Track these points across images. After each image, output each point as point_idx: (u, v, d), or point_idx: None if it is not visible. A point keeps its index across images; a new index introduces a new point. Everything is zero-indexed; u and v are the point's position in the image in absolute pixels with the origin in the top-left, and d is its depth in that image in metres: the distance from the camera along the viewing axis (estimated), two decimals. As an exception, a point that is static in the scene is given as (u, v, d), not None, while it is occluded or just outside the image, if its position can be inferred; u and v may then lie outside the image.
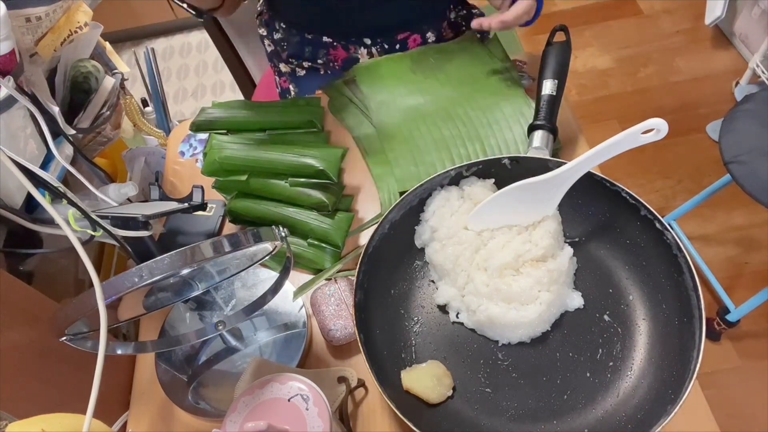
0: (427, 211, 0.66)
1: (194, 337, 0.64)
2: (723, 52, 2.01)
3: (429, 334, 0.63)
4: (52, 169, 0.69)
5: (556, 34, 0.75)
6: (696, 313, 0.54)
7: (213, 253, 0.47)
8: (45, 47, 0.73)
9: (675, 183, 1.74)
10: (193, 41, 2.41)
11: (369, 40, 0.92)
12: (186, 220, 0.78)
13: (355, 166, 0.80)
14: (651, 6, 2.18)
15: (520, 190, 0.61)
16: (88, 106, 0.81)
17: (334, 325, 0.63)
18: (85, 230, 0.57)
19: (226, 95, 2.21)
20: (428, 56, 0.87)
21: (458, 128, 0.77)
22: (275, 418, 0.47)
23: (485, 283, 0.60)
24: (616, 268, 0.64)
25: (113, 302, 0.49)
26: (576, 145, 0.77)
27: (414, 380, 0.57)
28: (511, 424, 0.57)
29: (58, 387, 0.59)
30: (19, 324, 0.55)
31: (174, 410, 0.64)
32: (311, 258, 0.71)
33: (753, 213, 1.62)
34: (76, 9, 0.79)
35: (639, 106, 1.92)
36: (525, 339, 0.61)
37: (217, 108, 0.79)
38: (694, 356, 0.51)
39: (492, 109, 0.78)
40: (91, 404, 0.42)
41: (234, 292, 0.70)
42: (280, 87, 1.04)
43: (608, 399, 0.56)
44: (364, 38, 0.92)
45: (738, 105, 1.24)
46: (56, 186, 0.59)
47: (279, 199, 0.72)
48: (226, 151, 0.72)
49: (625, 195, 0.60)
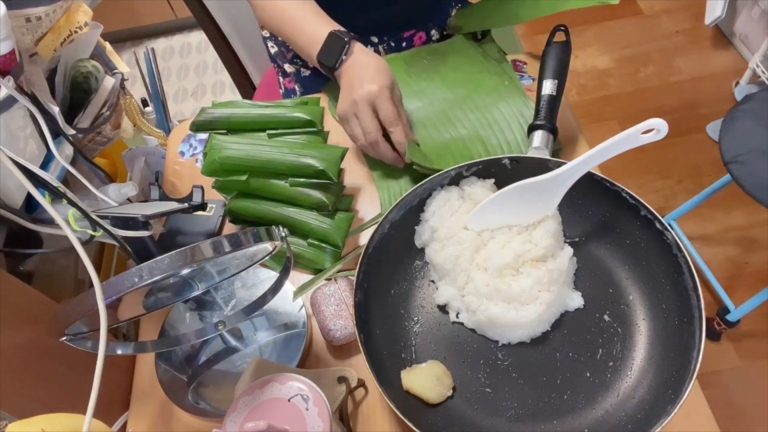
0: (427, 211, 0.66)
1: (194, 337, 0.64)
2: (723, 52, 2.01)
3: (429, 334, 0.63)
4: (52, 169, 0.69)
5: (556, 34, 0.75)
6: (696, 313, 0.54)
7: (213, 253, 0.47)
8: (45, 47, 0.73)
9: (675, 183, 1.74)
10: (193, 41, 2.41)
11: (376, 38, 0.92)
12: (186, 220, 0.78)
13: (355, 166, 0.80)
14: (651, 6, 2.18)
15: (520, 190, 0.61)
16: (88, 106, 0.80)
17: (334, 325, 0.63)
18: (85, 230, 0.57)
19: (226, 95, 2.21)
20: (421, 58, 0.87)
21: (458, 131, 0.77)
22: (275, 418, 0.47)
23: (485, 283, 0.60)
24: (616, 268, 0.64)
25: (113, 302, 0.49)
26: (576, 145, 0.77)
27: (414, 380, 0.57)
28: (511, 424, 0.57)
29: (58, 387, 0.59)
30: (19, 324, 0.55)
31: (174, 410, 0.64)
32: (311, 258, 0.71)
33: (753, 213, 1.62)
34: (76, 9, 0.79)
35: (639, 106, 1.93)
36: (525, 339, 0.61)
37: (217, 108, 0.79)
38: (694, 356, 0.51)
39: (490, 110, 0.78)
40: (91, 404, 0.42)
41: (234, 292, 0.70)
42: (284, 88, 1.04)
43: (608, 399, 0.56)
44: (370, 36, 0.92)
45: (738, 105, 1.24)
46: (56, 186, 0.59)
47: (279, 199, 0.72)
48: (226, 151, 0.72)
49: (625, 195, 0.60)
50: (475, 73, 0.83)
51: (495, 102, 0.78)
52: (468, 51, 0.86)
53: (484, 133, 0.76)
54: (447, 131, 0.77)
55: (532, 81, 0.82)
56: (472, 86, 0.81)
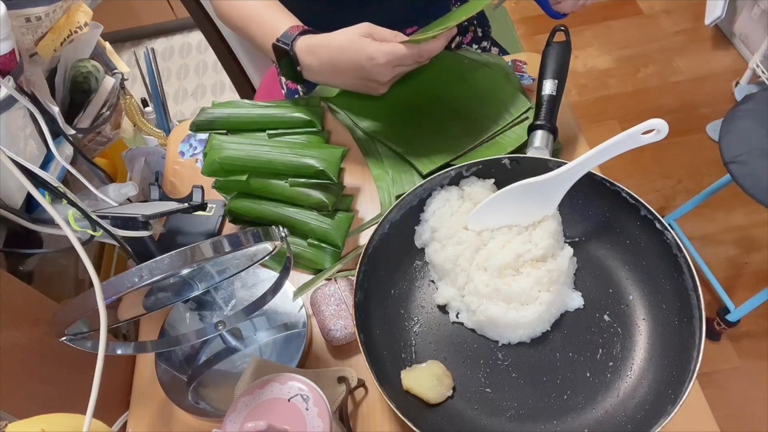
0: (427, 211, 0.66)
1: (194, 337, 0.64)
2: (723, 52, 2.01)
3: (429, 334, 0.63)
4: (52, 169, 0.69)
5: (556, 34, 0.75)
6: (696, 313, 0.54)
7: (213, 253, 0.47)
8: (45, 47, 0.73)
9: (675, 183, 1.74)
10: (193, 41, 2.41)
11: None
12: (186, 220, 0.78)
13: (355, 166, 0.80)
14: (651, 6, 2.18)
15: (520, 190, 0.61)
16: (88, 106, 0.81)
17: (334, 325, 0.63)
18: (85, 230, 0.57)
19: (226, 95, 2.21)
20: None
21: (456, 127, 0.77)
22: (275, 418, 0.47)
23: (485, 283, 0.60)
24: (616, 268, 0.64)
25: (113, 302, 0.49)
26: (576, 145, 0.77)
27: (414, 380, 0.57)
28: (511, 424, 0.57)
29: (58, 387, 0.59)
30: (19, 324, 0.55)
31: (174, 410, 0.64)
32: (311, 258, 0.71)
33: (753, 213, 1.62)
34: (76, 9, 0.79)
35: (639, 106, 1.93)
36: (525, 339, 0.61)
37: (217, 108, 0.79)
38: (694, 356, 0.51)
39: (489, 107, 0.78)
40: (91, 404, 0.42)
41: (234, 292, 0.70)
42: (286, 88, 1.04)
43: (608, 399, 0.56)
44: None
45: (738, 105, 1.24)
46: (56, 186, 0.59)
47: (279, 199, 0.72)
48: (226, 151, 0.72)
49: (625, 195, 0.60)
50: (473, 70, 0.82)
51: (492, 102, 0.78)
52: (443, 61, 0.83)
53: (484, 134, 0.76)
54: (444, 127, 0.77)
55: (532, 81, 0.82)
56: (469, 81, 0.81)
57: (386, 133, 0.79)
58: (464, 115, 0.78)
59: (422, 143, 0.76)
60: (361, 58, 0.68)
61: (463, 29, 1.01)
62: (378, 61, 0.67)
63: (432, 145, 0.76)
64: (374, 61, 0.67)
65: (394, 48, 0.67)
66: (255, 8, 0.78)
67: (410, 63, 0.70)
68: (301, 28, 0.73)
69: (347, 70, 0.70)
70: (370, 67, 0.68)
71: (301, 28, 0.73)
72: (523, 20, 2.22)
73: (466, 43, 1.02)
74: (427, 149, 0.75)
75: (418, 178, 0.74)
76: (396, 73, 0.71)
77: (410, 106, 0.80)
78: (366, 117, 0.81)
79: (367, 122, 0.80)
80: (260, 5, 0.78)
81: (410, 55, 0.67)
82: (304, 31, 0.73)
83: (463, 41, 1.01)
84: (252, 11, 0.78)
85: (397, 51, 0.67)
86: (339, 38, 0.69)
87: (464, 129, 0.76)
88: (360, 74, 0.70)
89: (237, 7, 0.79)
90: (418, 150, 0.76)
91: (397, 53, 0.67)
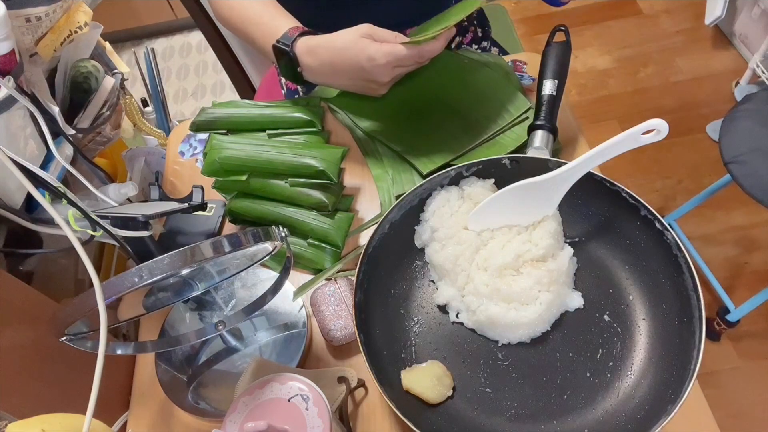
0: (427, 211, 0.66)
1: (194, 337, 0.64)
2: (723, 52, 2.01)
3: (429, 334, 0.63)
4: (52, 169, 0.69)
5: (556, 34, 0.75)
6: (696, 313, 0.54)
7: (213, 253, 0.47)
8: (45, 47, 0.73)
9: (675, 183, 1.74)
10: (193, 41, 2.41)
11: None
12: (186, 220, 0.78)
13: (355, 166, 0.80)
14: (651, 6, 2.18)
15: (520, 190, 0.61)
16: (88, 106, 0.81)
17: (334, 325, 0.63)
18: (85, 230, 0.57)
19: (226, 95, 2.21)
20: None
21: (456, 126, 0.77)
22: (275, 418, 0.47)
23: (485, 283, 0.60)
24: (616, 268, 0.64)
25: (113, 302, 0.49)
26: (576, 145, 0.77)
27: (414, 380, 0.57)
28: (511, 424, 0.57)
29: (58, 387, 0.59)
30: (19, 324, 0.55)
31: (174, 410, 0.64)
32: (311, 258, 0.71)
33: (753, 213, 1.62)
34: (76, 9, 0.79)
35: (639, 106, 1.93)
36: (525, 339, 0.61)
37: (217, 108, 0.79)
38: (694, 356, 0.51)
39: (486, 111, 0.77)
40: (91, 404, 0.42)
41: (234, 292, 0.70)
42: (286, 88, 1.04)
43: (608, 399, 0.56)
44: None
45: (738, 105, 1.24)
46: (56, 186, 0.59)
47: (279, 199, 0.72)
48: (226, 151, 0.72)
49: (625, 195, 0.60)
50: (473, 70, 0.82)
51: (492, 103, 0.78)
52: (443, 59, 0.82)
53: (485, 134, 0.76)
54: (444, 127, 0.77)
55: (532, 81, 0.82)
56: (469, 81, 0.81)
57: (386, 133, 0.79)
58: (464, 115, 0.78)
59: (422, 143, 0.76)
60: (362, 58, 0.68)
61: (462, 29, 1.01)
62: (378, 62, 0.67)
63: (432, 145, 0.76)
64: (374, 61, 0.67)
65: (395, 49, 0.67)
66: (254, 10, 0.78)
67: (410, 64, 0.70)
68: (300, 29, 0.73)
69: (347, 70, 0.70)
70: (370, 67, 0.68)
71: (301, 29, 0.73)
72: (523, 20, 2.22)
73: (466, 43, 1.02)
74: (426, 149, 0.75)
75: (418, 178, 0.74)
76: (396, 73, 0.71)
77: (410, 106, 0.80)
78: (366, 117, 0.81)
79: (366, 122, 0.80)
80: (259, 7, 0.78)
81: (410, 56, 0.67)
82: (303, 32, 0.73)
83: (463, 41, 1.01)
84: (251, 13, 0.78)
85: (397, 52, 0.67)
86: (339, 39, 0.69)
87: (464, 129, 0.76)
88: (360, 75, 0.70)
89: (236, 9, 0.79)
90: (418, 150, 0.76)
91: (397, 54, 0.67)
